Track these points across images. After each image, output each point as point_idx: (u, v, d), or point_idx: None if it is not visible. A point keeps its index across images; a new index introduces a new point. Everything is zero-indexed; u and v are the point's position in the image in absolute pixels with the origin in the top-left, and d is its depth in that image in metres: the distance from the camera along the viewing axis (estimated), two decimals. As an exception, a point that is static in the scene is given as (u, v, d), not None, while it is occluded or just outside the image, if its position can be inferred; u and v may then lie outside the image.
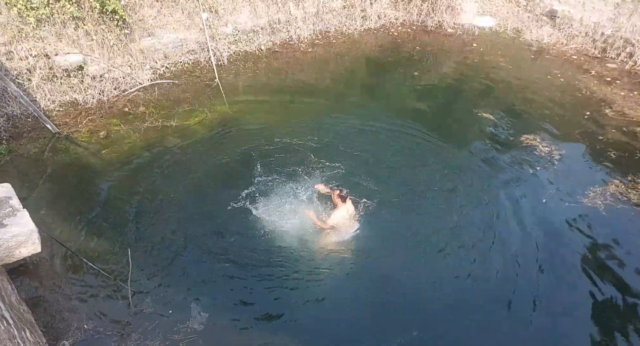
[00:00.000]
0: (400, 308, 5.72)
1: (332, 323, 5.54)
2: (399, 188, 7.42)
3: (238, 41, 11.54)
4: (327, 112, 9.44)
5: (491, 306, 5.71)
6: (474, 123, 9.29)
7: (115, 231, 6.48)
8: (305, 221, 6.47)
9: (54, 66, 8.86)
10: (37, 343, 4.40)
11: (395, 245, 6.43)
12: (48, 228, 6.24)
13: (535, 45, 12.79)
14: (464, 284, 5.94)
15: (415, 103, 10.06)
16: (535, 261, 6.24)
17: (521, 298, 5.75)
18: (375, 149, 8.23)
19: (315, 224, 6.36)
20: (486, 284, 5.95)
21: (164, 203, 6.98)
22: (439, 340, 5.34)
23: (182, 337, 5.14)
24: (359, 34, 13.10)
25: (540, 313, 5.57)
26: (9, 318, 3.84)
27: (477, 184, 7.62)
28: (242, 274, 5.94)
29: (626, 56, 11.63)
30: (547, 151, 8.35)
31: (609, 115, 9.55)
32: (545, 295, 5.79)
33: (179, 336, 5.15)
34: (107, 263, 5.96)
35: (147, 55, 10.18)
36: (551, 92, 10.51)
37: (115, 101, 9.29)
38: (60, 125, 8.40)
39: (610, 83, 10.82)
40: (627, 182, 7.60)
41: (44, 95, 8.77)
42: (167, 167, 7.67)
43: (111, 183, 7.32)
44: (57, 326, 5.16)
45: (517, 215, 6.97)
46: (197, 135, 8.51)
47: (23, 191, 6.77)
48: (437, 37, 13.26)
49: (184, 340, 5.11)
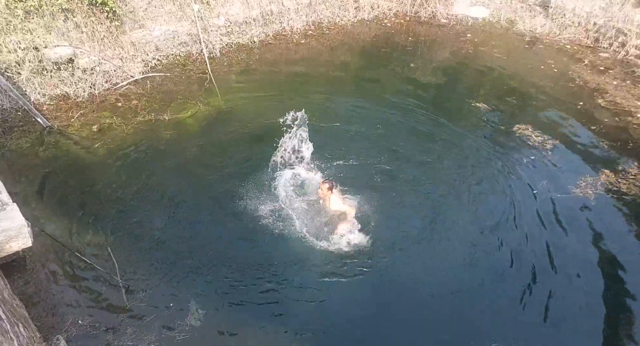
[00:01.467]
0: (405, 307, 5.74)
1: (332, 321, 5.48)
2: (392, 177, 7.44)
3: (230, 33, 11.43)
4: (321, 104, 9.40)
5: (475, 297, 5.79)
6: (468, 114, 9.30)
7: (108, 225, 6.45)
8: (306, 211, 6.46)
9: (44, 58, 8.73)
10: (31, 338, 4.39)
11: (385, 236, 6.44)
12: (40, 222, 6.20)
13: (529, 35, 12.77)
14: (453, 272, 5.99)
15: (409, 94, 10.03)
16: (527, 251, 6.30)
17: (523, 292, 5.79)
18: (369, 140, 8.24)
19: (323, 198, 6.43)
20: (474, 275, 6.02)
21: (158, 196, 6.95)
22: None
23: (177, 333, 5.12)
24: (352, 25, 13.00)
25: (533, 306, 5.63)
26: (1, 313, 3.82)
27: (469, 173, 7.66)
28: (241, 269, 5.92)
29: (618, 46, 11.64)
30: (540, 141, 8.38)
31: (601, 105, 9.58)
32: (537, 285, 5.85)
33: (175, 332, 5.12)
34: (100, 257, 5.92)
35: (138, 47, 10.06)
36: (545, 82, 10.53)
37: (107, 94, 9.19)
38: (52, 119, 8.31)
39: (603, 72, 10.85)
40: (618, 172, 7.64)
41: (34, 88, 8.66)
42: (160, 161, 7.62)
43: (104, 177, 7.27)
44: (52, 321, 5.14)
45: (508, 205, 7.01)
46: (190, 128, 8.46)
47: (14, 186, 6.71)
48: (431, 28, 13.21)
49: (179, 335, 5.09)
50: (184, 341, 5.04)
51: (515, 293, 5.76)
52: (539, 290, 5.78)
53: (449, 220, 6.74)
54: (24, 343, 3.97)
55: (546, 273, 6.01)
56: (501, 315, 5.58)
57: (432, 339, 5.36)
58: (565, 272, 6.03)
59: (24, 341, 4.02)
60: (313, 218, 6.55)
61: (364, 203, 6.84)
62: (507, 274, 6.03)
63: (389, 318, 5.52)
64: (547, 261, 6.16)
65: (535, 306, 5.60)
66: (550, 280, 5.93)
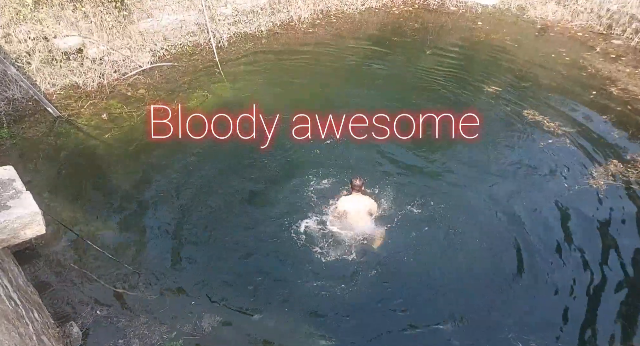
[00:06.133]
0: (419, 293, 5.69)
1: (341, 317, 5.39)
2: (397, 161, 7.46)
3: (238, 22, 11.40)
4: (330, 93, 9.38)
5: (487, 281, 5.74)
6: (481, 103, 9.20)
7: (120, 214, 6.52)
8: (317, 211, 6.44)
9: (53, 48, 8.80)
10: (45, 324, 4.48)
11: (397, 226, 6.43)
12: (53, 211, 6.27)
13: (540, 23, 12.58)
14: (465, 263, 5.98)
15: (420, 81, 9.96)
16: (538, 242, 6.24)
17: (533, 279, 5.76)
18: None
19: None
20: (481, 265, 5.99)
21: (167, 184, 7.00)
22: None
23: (190, 327, 5.09)
24: (360, 13, 12.91)
25: (549, 298, 5.59)
26: (17, 299, 3.90)
27: (481, 160, 7.63)
28: (257, 263, 5.88)
29: (632, 32, 11.43)
30: (552, 129, 8.29)
31: (614, 93, 9.44)
32: (552, 275, 5.80)
33: (188, 326, 5.10)
34: (113, 246, 5.99)
35: (147, 37, 10.08)
36: (556, 70, 10.39)
37: (116, 84, 9.24)
38: (62, 108, 8.38)
39: (615, 60, 10.68)
40: (629, 161, 7.55)
41: (44, 78, 8.73)
42: (168, 150, 7.65)
43: (114, 166, 7.34)
44: (65, 308, 5.22)
45: (519, 193, 6.97)
46: (199, 117, 8.48)
47: (26, 175, 6.80)
48: (440, 16, 13.07)
49: (192, 330, 5.06)
50: (196, 330, 5.06)
51: (530, 285, 5.69)
52: (557, 282, 5.71)
53: (462, 206, 6.68)
54: (38, 329, 4.05)
55: (563, 265, 5.93)
56: (516, 305, 5.50)
57: (445, 330, 5.27)
58: (576, 263, 5.96)
59: (38, 326, 4.10)
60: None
61: (375, 189, 6.83)
62: (514, 262, 5.97)
63: (403, 306, 5.46)
64: (566, 254, 6.08)
65: (551, 298, 5.55)
66: (569, 273, 5.83)
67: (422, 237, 6.22)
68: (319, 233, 6.15)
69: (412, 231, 6.25)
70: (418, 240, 6.16)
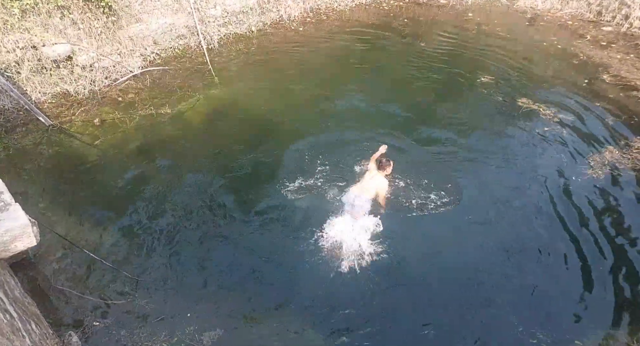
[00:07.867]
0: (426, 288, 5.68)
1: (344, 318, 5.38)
2: (400, 152, 7.41)
3: (228, 23, 11.35)
4: (323, 91, 9.36)
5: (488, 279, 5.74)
6: (475, 94, 9.19)
7: (117, 222, 6.47)
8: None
9: (42, 57, 8.74)
10: (43, 335, 4.46)
11: (395, 224, 6.42)
12: (48, 221, 6.25)
13: (530, 12, 12.58)
14: (468, 256, 5.97)
15: (413, 74, 9.95)
16: (540, 234, 6.22)
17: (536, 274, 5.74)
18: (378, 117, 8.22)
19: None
20: (482, 260, 5.97)
21: (163, 190, 6.96)
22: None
23: (189, 336, 5.05)
24: (350, 10, 12.88)
25: (558, 293, 5.56)
26: (13, 312, 3.88)
27: (478, 151, 7.64)
28: (256, 270, 5.83)
29: (622, 18, 11.42)
30: (547, 118, 8.29)
31: (606, 80, 9.44)
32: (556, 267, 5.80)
33: (187, 335, 5.06)
34: (110, 255, 5.95)
35: (136, 42, 10.03)
36: (549, 59, 10.39)
37: (107, 90, 9.19)
38: (53, 117, 8.34)
39: (606, 47, 10.67)
40: (623, 147, 7.55)
41: (35, 87, 8.68)
42: (162, 155, 7.64)
43: (108, 173, 7.30)
44: (64, 318, 5.21)
45: (517, 183, 6.98)
46: (191, 120, 8.46)
47: (20, 185, 6.79)
48: (430, 9, 13.05)
49: (192, 339, 5.03)
50: (196, 339, 5.03)
51: (538, 280, 5.66)
52: (565, 277, 5.68)
53: (459, 199, 6.64)
54: (36, 340, 4.03)
55: (577, 259, 5.89)
56: (522, 301, 5.47)
57: (453, 325, 5.28)
58: (586, 255, 5.92)
59: (36, 338, 4.08)
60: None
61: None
62: (534, 261, 5.90)
63: (409, 301, 5.48)
64: (569, 246, 6.05)
65: (560, 293, 5.52)
66: (579, 269, 5.79)
67: (421, 235, 6.22)
68: (317, 237, 6.11)
69: (411, 229, 6.25)
70: (417, 238, 6.17)
